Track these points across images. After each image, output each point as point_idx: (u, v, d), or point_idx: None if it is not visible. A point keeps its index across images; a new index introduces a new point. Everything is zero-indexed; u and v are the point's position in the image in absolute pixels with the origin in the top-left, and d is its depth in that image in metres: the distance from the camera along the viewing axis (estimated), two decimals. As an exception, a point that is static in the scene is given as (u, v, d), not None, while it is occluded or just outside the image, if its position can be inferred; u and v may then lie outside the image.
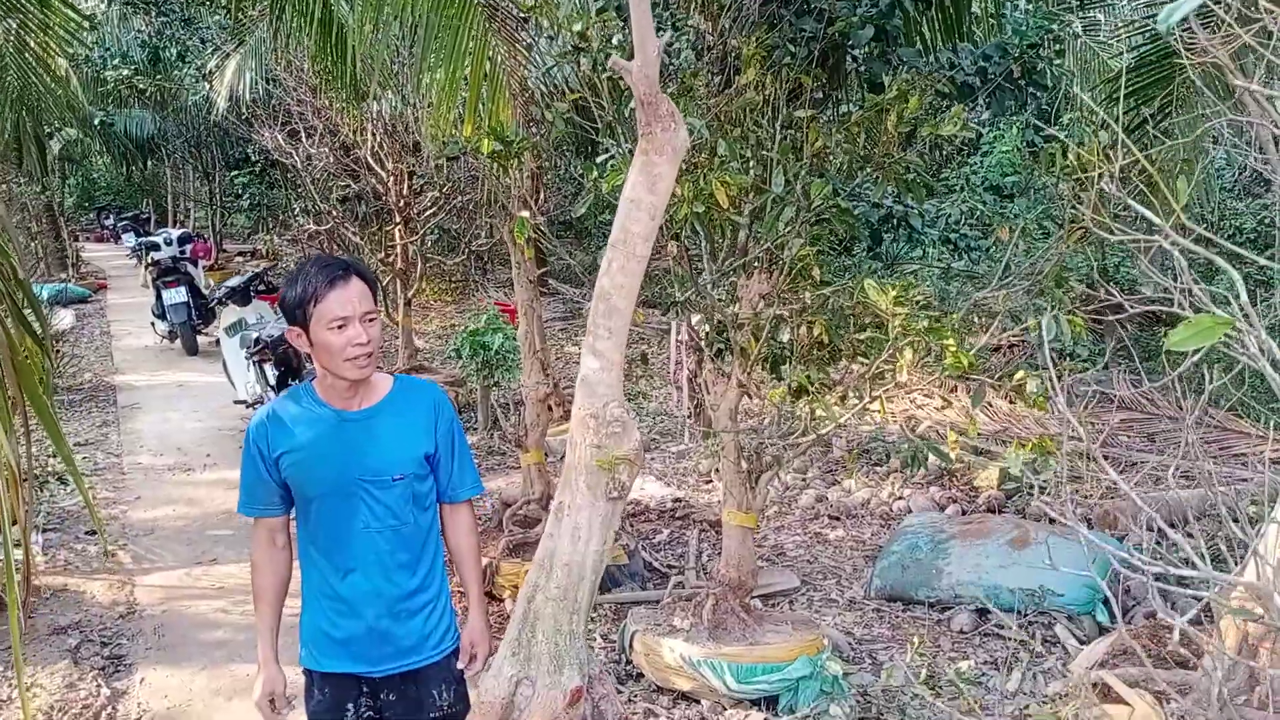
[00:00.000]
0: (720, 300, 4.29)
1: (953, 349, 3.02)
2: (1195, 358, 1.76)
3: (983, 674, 4.36)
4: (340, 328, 2.38)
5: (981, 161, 10.06)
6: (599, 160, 4.12)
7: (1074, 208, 3.84)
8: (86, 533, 6.13)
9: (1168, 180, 6.92)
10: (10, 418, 2.16)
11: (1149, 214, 1.83)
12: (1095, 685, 3.65)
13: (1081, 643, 4.51)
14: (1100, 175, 3.98)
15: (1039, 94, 4.92)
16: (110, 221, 23.03)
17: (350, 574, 2.53)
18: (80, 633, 4.85)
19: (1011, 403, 8.45)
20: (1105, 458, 6.67)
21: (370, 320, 2.42)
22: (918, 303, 3.05)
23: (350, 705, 2.59)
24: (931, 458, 6.49)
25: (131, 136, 16.76)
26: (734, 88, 3.97)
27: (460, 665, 2.60)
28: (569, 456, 2.09)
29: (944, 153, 11.14)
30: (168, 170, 20.32)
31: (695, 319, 4.48)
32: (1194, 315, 1.39)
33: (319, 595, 2.58)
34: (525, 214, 3.77)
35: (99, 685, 4.37)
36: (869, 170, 3.95)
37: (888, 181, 3.90)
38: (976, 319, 3.60)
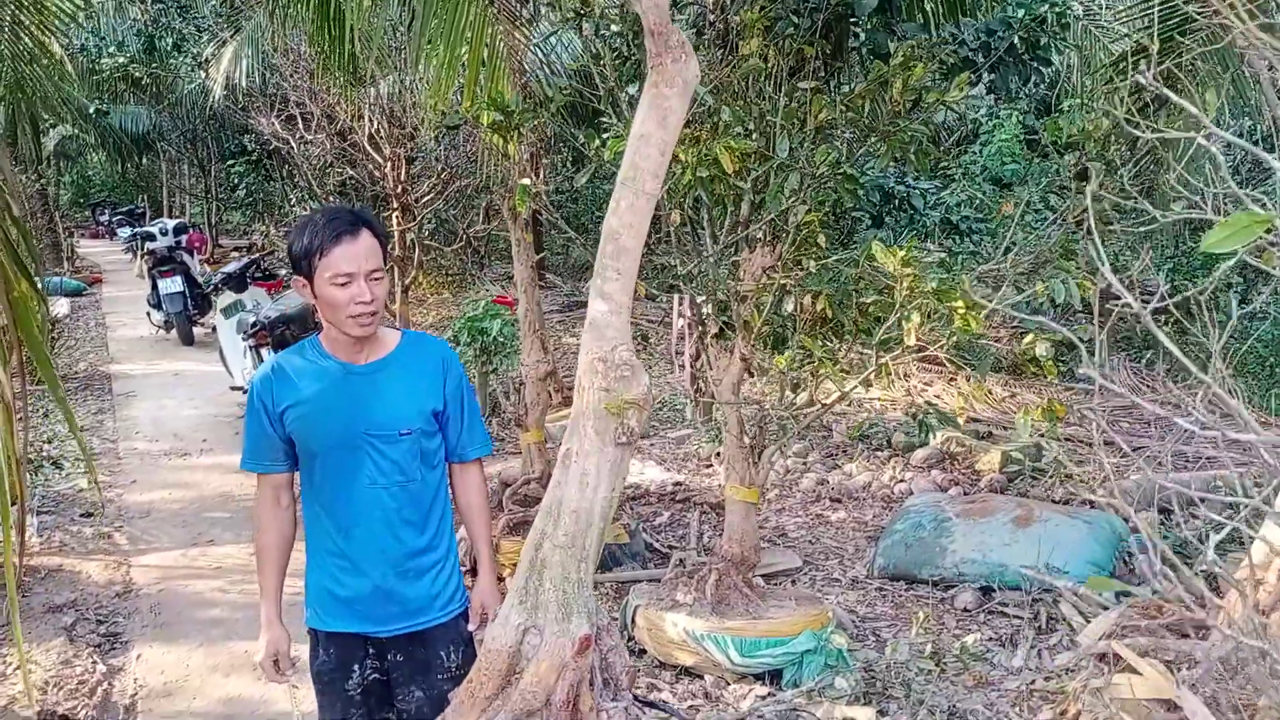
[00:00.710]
0: (723, 275, 4.25)
1: (962, 310, 2.98)
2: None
3: (988, 650, 4.32)
4: (344, 284, 2.32)
5: (981, 151, 10.02)
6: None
7: (1081, 180, 3.82)
8: (81, 515, 6.07)
9: (1167, 162, 6.91)
10: (6, 355, 2.11)
11: (1189, 105, 1.79)
12: (1104, 656, 3.62)
13: (1087, 620, 4.47)
14: (1108, 142, 3.97)
15: (1043, 70, 4.89)
16: (105, 218, 22.97)
17: (355, 531, 2.47)
18: (75, 611, 4.80)
19: (1012, 395, 8.44)
20: (1106, 443, 6.66)
21: (376, 279, 2.36)
22: (926, 264, 3.02)
23: (356, 666, 2.54)
24: (933, 438, 6.47)
25: (127, 132, 16.71)
26: (737, 57, 3.93)
27: (471, 627, 2.56)
28: (576, 403, 2.05)
29: (944, 141, 11.12)
30: (163, 166, 20.27)
31: (700, 300, 4.45)
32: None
33: (324, 553, 2.53)
34: (526, 181, 3.73)
35: (94, 662, 4.32)
36: (874, 140, 3.91)
37: (893, 152, 3.86)
38: (984, 284, 3.56)
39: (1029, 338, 3.09)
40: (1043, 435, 6.87)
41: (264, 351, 7.13)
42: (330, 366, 2.46)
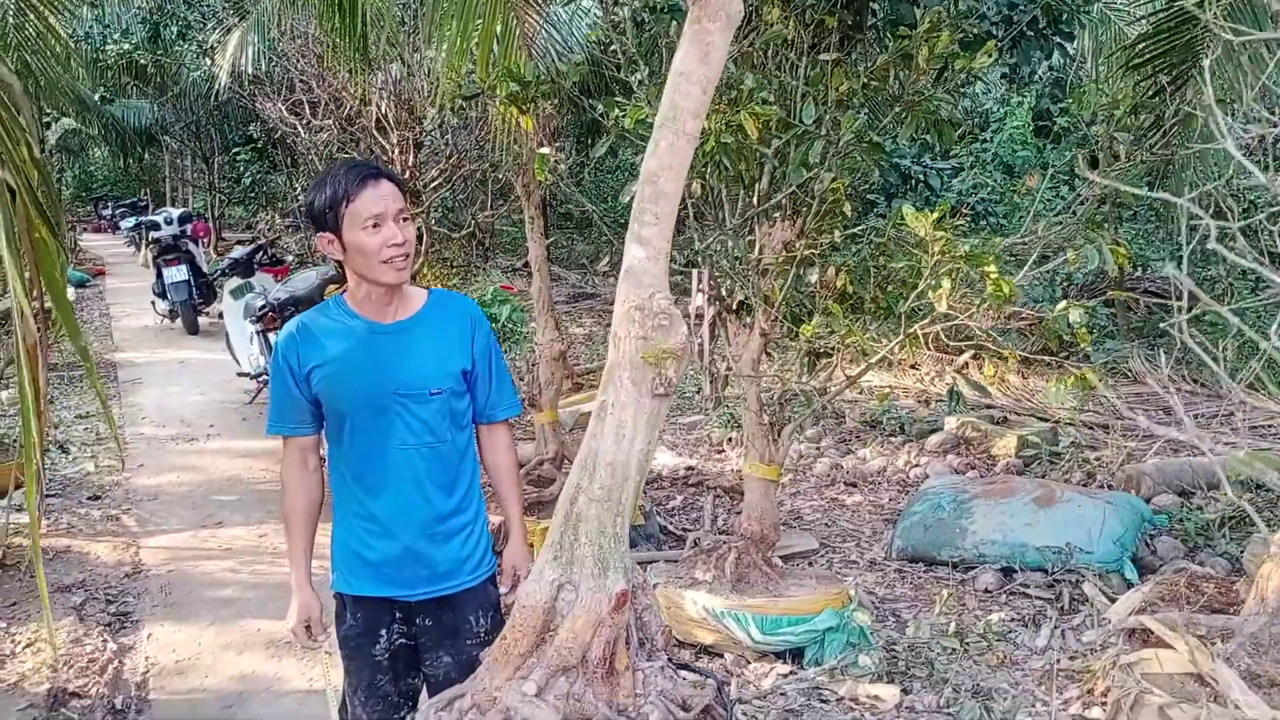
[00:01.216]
0: (743, 248, 4.20)
1: (994, 276, 2.92)
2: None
3: (1011, 630, 4.26)
4: (375, 226, 2.27)
5: (992, 138, 9.96)
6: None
7: (1094, 166, 3.76)
8: (89, 498, 6.01)
9: (1185, 155, 6.84)
10: (28, 294, 2.05)
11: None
12: (1133, 632, 3.56)
13: (1110, 600, 4.41)
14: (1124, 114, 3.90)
15: (1065, 45, 4.83)
16: (108, 212, 22.90)
17: (384, 493, 2.41)
18: (85, 591, 4.74)
19: (1025, 378, 8.37)
20: (1123, 430, 6.60)
21: (405, 219, 2.32)
22: (957, 229, 2.96)
23: (383, 631, 2.49)
24: (962, 407, 6.38)
25: (130, 126, 16.64)
26: (759, 23, 3.87)
27: (502, 589, 2.50)
28: (612, 354, 1.98)
29: (959, 126, 11.04)
30: (166, 159, 20.20)
31: (719, 275, 4.38)
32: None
33: (352, 516, 2.47)
34: (545, 150, 3.66)
35: (105, 640, 4.27)
36: (898, 110, 3.85)
37: (916, 122, 3.80)
38: (1013, 258, 3.50)
39: (1061, 305, 3.02)
40: (1058, 423, 6.82)
41: (271, 336, 7.07)
42: (357, 325, 2.40)
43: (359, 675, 2.51)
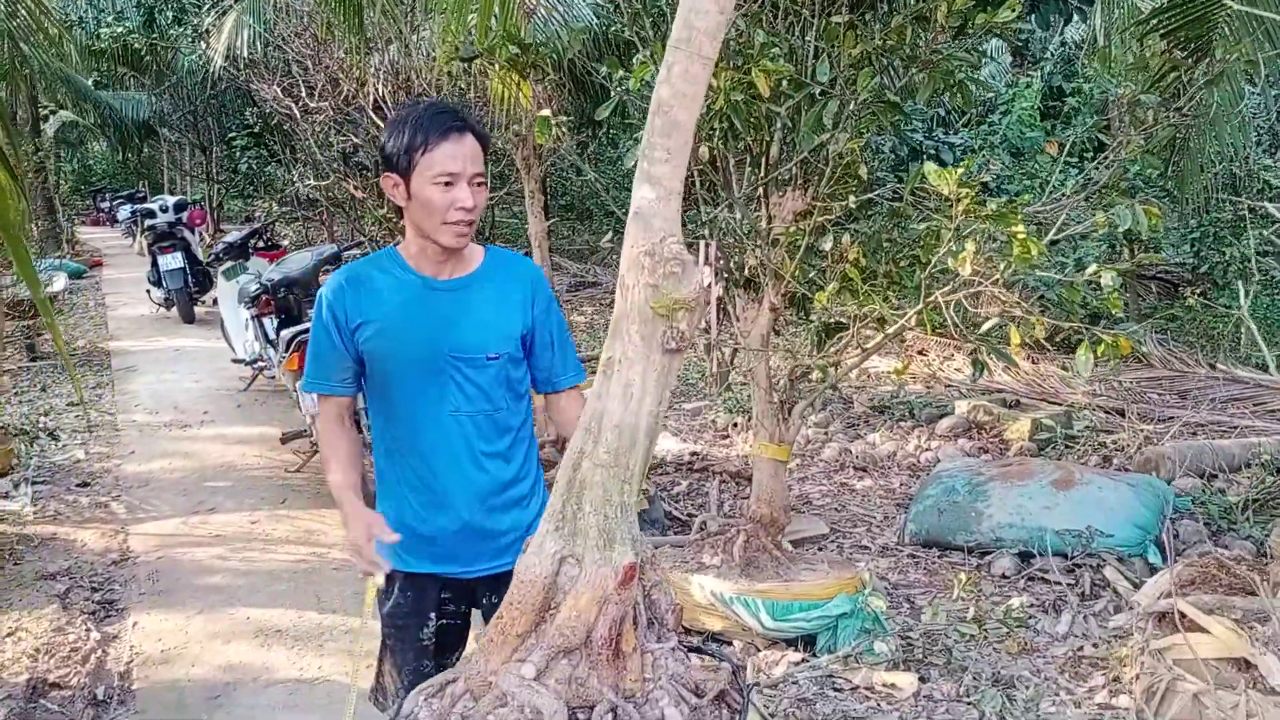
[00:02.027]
0: (753, 218, 4.02)
1: (1021, 236, 2.74)
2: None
3: (1030, 616, 4.09)
4: (447, 185, 2.07)
5: (1001, 120, 9.78)
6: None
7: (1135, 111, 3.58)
8: (77, 485, 5.85)
9: (1203, 127, 6.66)
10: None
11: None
12: (1163, 616, 3.39)
13: (1133, 585, 4.25)
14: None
15: (1084, 6, 4.66)
16: (106, 204, 22.73)
17: (438, 462, 2.23)
18: (70, 578, 4.58)
19: (1034, 363, 8.19)
20: (1138, 414, 6.42)
21: (479, 184, 2.12)
22: (982, 186, 2.78)
23: (432, 613, 2.30)
24: (960, 406, 6.19)
25: (128, 118, 16.48)
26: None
27: None
28: (619, 304, 1.80)
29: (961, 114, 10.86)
30: (163, 151, 20.03)
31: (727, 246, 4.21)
32: None
33: (404, 486, 2.27)
34: (546, 112, 3.49)
35: (88, 629, 4.11)
36: (914, 71, 3.67)
37: (934, 84, 3.62)
38: (1037, 224, 3.32)
39: (1092, 267, 2.85)
40: (1072, 406, 6.65)
41: (266, 321, 6.89)
42: (410, 280, 2.19)
43: (403, 657, 2.33)
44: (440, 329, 2.17)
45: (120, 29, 12.67)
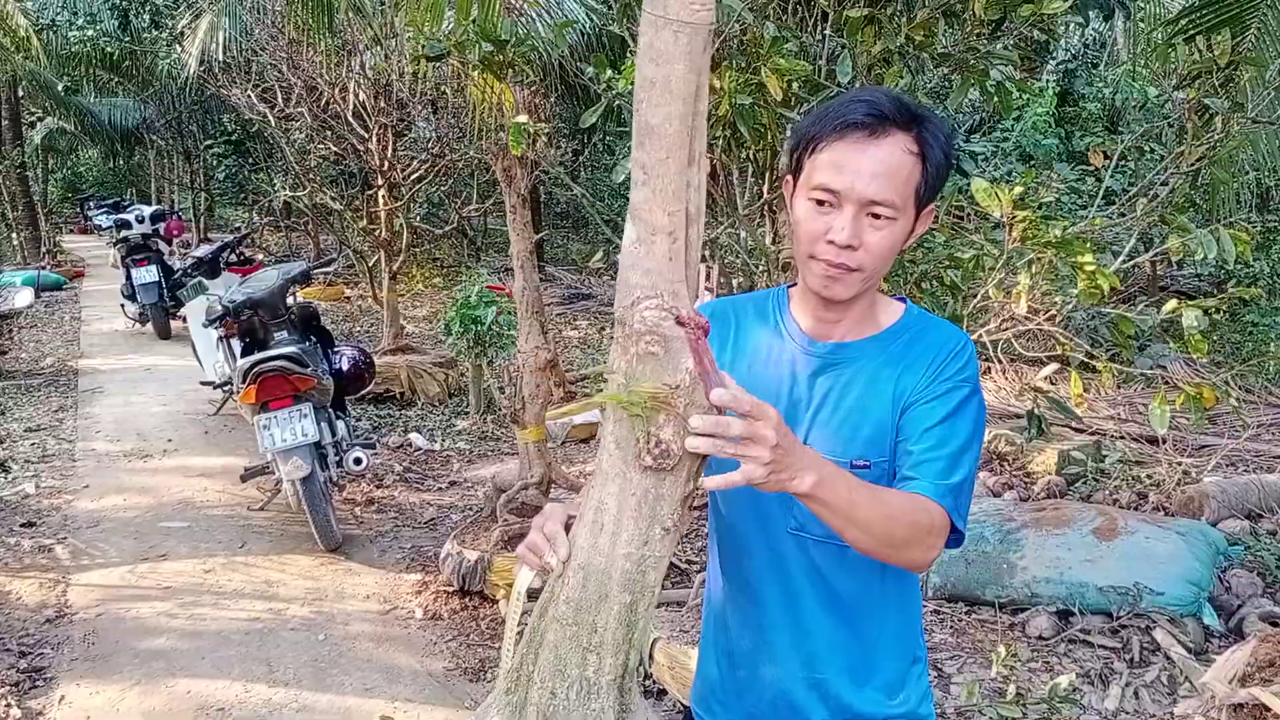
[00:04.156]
0: (759, 237, 3.56)
1: (1089, 267, 2.27)
2: None
3: (1075, 689, 3.61)
4: (821, 205, 1.46)
5: (1014, 126, 9.31)
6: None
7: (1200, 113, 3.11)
8: (22, 525, 5.36)
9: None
10: None
11: None
12: (1239, 707, 2.92)
13: (1188, 650, 3.77)
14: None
15: (1127, 3, 4.19)
16: (92, 210, 22.25)
17: (754, 598, 1.62)
18: (-4, 640, 4.10)
19: (1052, 383, 7.72)
20: (1172, 443, 5.94)
21: (878, 216, 1.45)
22: (1042, 207, 2.31)
23: None
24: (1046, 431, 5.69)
25: (116, 126, 16.04)
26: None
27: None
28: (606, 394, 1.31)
29: (964, 122, 10.41)
30: (151, 158, 19.59)
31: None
32: None
33: (711, 622, 1.73)
34: (523, 118, 3.02)
35: (8, 705, 3.61)
36: (946, 71, 3.21)
37: (969, 85, 3.15)
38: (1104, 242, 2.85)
39: (1171, 304, 2.37)
40: (1102, 435, 6.18)
41: (234, 343, 6.40)
42: (785, 338, 1.60)
43: None
44: (797, 410, 1.56)
45: (92, 33, 12.20)
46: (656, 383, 1.22)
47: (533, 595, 1.37)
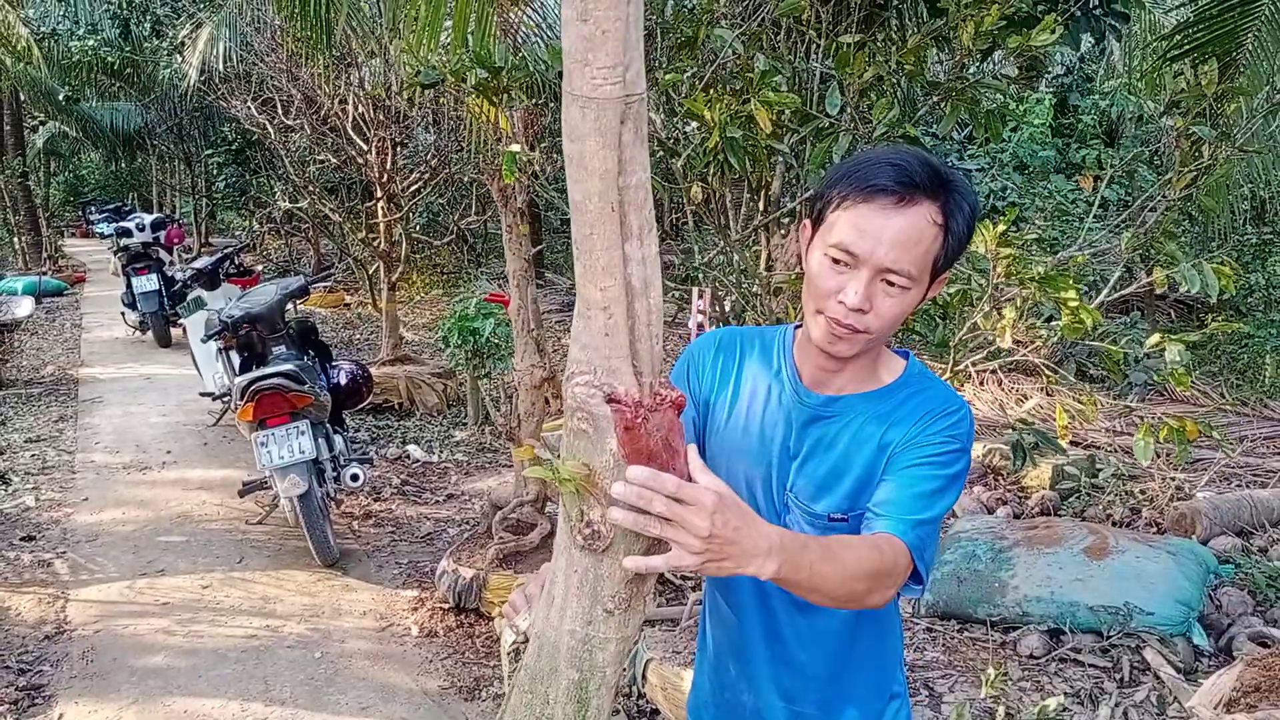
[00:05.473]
0: (751, 263, 3.59)
1: (1073, 303, 2.30)
2: None
3: (1065, 710, 3.64)
4: (840, 264, 1.46)
5: (1011, 138, 9.34)
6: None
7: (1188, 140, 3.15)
8: (21, 539, 5.39)
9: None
10: None
11: None
12: (1226, 731, 2.94)
13: (1177, 670, 3.80)
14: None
15: (1118, 25, 4.22)
16: (94, 215, 22.29)
17: (737, 629, 1.69)
18: (-5, 657, 4.13)
19: (1049, 394, 7.76)
20: (1165, 458, 5.96)
21: (893, 284, 1.45)
22: (1027, 243, 2.35)
23: None
24: (1031, 465, 5.77)
25: (117, 131, 16.08)
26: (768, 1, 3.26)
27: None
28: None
29: (960, 132, 10.43)
30: (153, 162, 19.63)
31: (722, 294, 3.77)
32: None
33: (702, 646, 1.83)
34: (516, 147, 3.05)
35: (6, 724, 3.66)
36: (935, 99, 3.24)
37: (959, 112, 3.18)
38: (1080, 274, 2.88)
39: (1155, 337, 2.40)
40: (1096, 449, 6.21)
41: (233, 355, 6.43)
42: (784, 381, 1.62)
43: None
44: (786, 456, 1.59)
45: (92, 42, 12.24)
46: (580, 462, 1.20)
47: None
